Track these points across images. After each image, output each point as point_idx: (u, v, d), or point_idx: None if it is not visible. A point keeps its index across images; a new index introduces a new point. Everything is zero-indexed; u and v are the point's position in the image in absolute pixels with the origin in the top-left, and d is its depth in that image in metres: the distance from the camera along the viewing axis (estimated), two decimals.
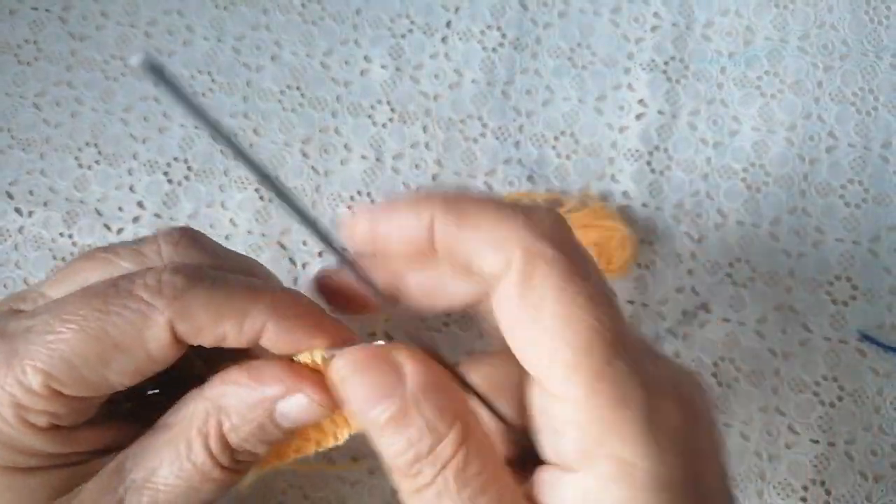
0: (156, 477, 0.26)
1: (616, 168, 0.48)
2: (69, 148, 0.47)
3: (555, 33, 0.50)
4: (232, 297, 0.25)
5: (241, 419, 0.26)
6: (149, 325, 0.25)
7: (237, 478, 0.28)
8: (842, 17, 0.50)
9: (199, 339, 0.25)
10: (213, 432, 0.26)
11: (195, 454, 0.26)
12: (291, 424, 0.26)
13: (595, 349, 0.21)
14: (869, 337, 0.45)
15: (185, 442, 0.26)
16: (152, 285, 0.25)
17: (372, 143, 0.48)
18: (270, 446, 0.27)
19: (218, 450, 0.26)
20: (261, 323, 0.25)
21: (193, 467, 0.26)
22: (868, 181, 0.47)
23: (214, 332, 0.25)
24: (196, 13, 0.50)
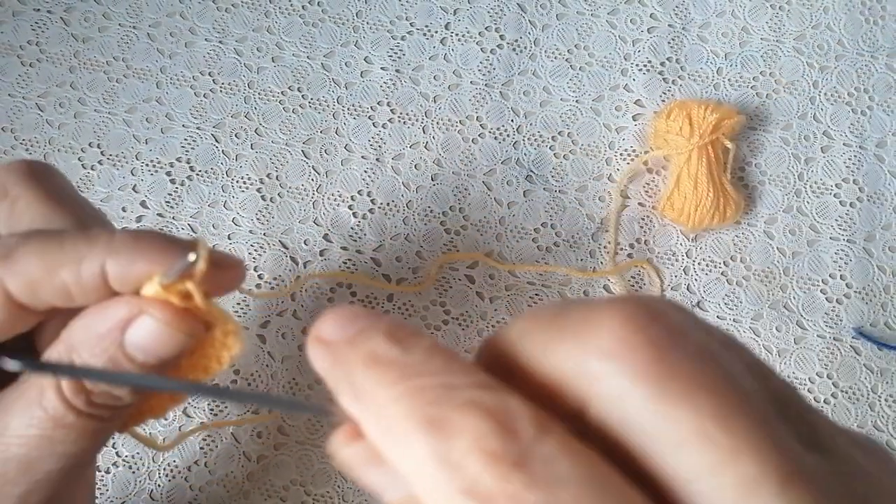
0: (8, 432, 0.24)
1: (613, 168, 0.48)
2: (72, 148, 0.48)
3: (552, 35, 0.50)
4: (64, 244, 0.23)
5: (90, 353, 0.23)
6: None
7: (100, 426, 0.25)
8: (837, 17, 0.50)
9: (39, 297, 0.23)
10: None
11: (46, 399, 0.24)
12: (146, 356, 0.23)
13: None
14: (863, 334, 0.45)
15: (36, 388, 0.24)
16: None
17: (372, 143, 0.48)
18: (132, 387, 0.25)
19: (70, 392, 0.24)
20: (98, 264, 0.23)
21: (45, 413, 0.24)
22: (863, 180, 0.48)
23: (52, 284, 0.23)
24: (198, 15, 0.50)
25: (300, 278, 0.46)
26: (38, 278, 0.23)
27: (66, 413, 0.24)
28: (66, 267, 0.23)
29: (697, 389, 0.16)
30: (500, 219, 0.47)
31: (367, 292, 0.46)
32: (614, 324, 0.17)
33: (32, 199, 0.26)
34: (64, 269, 0.23)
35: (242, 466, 0.43)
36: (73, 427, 0.24)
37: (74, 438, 0.24)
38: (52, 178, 0.28)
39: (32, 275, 0.23)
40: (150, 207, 0.47)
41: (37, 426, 0.24)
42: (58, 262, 0.23)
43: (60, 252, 0.23)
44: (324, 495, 0.43)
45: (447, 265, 0.47)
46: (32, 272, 0.23)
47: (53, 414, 0.24)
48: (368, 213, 0.47)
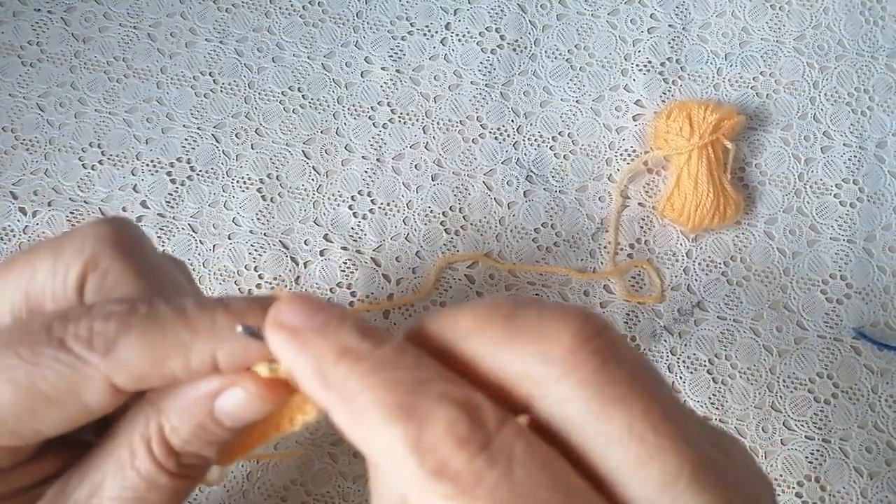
0: (101, 492, 0.24)
1: (613, 168, 0.48)
2: (73, 148, 0.48)
3: (553, 35, 0.50)
4: (166, 333, 0.23)
5: (180, 420, 0.24)
6: (83, 381, 0.23)
7: (189, 484, 0.26)
8: (837, 17, 0.50)
9: (145, 386, 0.23)
10: (154, 436, 0.24)
11: (139, 461, 0.24)
12: (233, 422, 0.24)
13: None
14: (864, 335, 0.45)
15: (128, 450, 0.24)
16: (83, 336, 0.23)
17: (372, 143, 0.48)
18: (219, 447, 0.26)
19: (162, 455, 0.24)
20: (209, 354, 0.23)
21: (138, 476, 0.24)
22: (863, 180, 0.48)
23: (159, 375, 0.23)
24: (199, 15, 0.50)
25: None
26: (144, 372, 0.23)
27: (159, 475, 0.24)
28: (173, 359, 0.23)
29: (630, 395, 0.19)
30: (500, 219, 0.47)
31: (368, 292, 0.46)
32: (564, 334, 0.19)
33: (122, 272, 0.26)
34: (172, 360, 0.23)
35: (242, 466, 0.43)
36: (165, 488, 0.25)
37: (166, 498, 0.25)
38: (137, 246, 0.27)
39: (138, 368, 0.23)
40: (151, 207, 0.47)
41: (131, 488, 0.24)
42: (164, 354, 0.23)
43: (164, 342, 0.23)
44: (324, 495, 0.43)
45: (447, 266, 0.47)
46: (138, 366, 0.23)
47: (146, 476, 0.24)
48: (369, 213, 0.47)
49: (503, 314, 0.20)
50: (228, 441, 0.26)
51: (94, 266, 0.25)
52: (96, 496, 0.24)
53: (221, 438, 0.25)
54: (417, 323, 0.22)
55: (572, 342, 0.19)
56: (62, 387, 0.23)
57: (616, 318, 0.46)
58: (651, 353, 0.45)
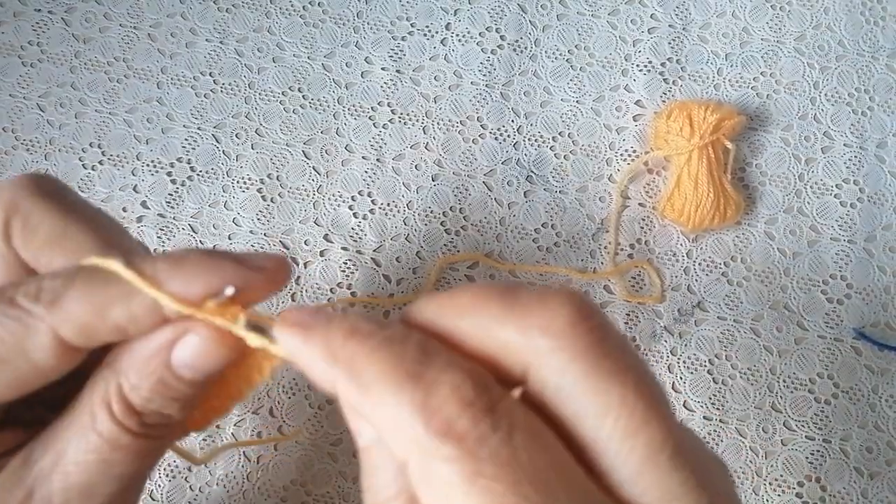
0: (65, 458, 0.24)
1: (613, 168, 0.48)
2: (73, 149, 0.48)
3: (553, 35, 0.50)
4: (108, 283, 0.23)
5: (138, 377, 0.24)
6: (29, 334, 0.23)
7: (154, 445, 0.26)
8: (837, 18, 0.50)
9: (93, 338, 0.23)
10: (114, 397, 0.24)
11: (100, 423, 0.24)
12: (193, 373, 0.24)
13: None
14: (864, 335, 0.45)
15: (88, 414, 0.24)
16: (32, 292, 0.23)
17: (373, 143, 0.48)
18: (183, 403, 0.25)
19: (123, 415, 0.24)
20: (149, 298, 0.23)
21: (100, 438, 0.24)
22: (863, 181, 0.48)
23: (105, 325, 0.23)
24: (199, 16, 0.50)
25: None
26: (90, 321, 0.23)
27: (121, 435, 0.24)
28: (117, 306, 0.23)
29: (624, 370, 0.20)
30: (500, 219, 0.47)
31: (368, 292, 0.46)
32: (563, 311, 0.20)
33: (44, 211, 0.26)
34: (115, 308, 0.23)
35: (242, 466, 0.43)
36: (129, 448, 0.24)
37: (131, 459, 0.25)
38: (60, 190, 0.28)
39: (84, 319, 0.23)
40: (151, 207, 0.47)
41: (93, 451, 0.24)
42: (108, 302, 0.23)
43: (107, 291, 0.23)
44: (324, 495, 0.43)
45: (447, 266, 0.47)
46: (84, 316, 0.23)
47: (108, 437, 0.24)
48: (369, 213, 0.47)
49: (502, 292, 0.21)
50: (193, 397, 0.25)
51: (15, 210, 0.26)
52: (60, 463, 0.24)
53: (184, 393, 0.25)
54: (411, 308, 0.22)
55: (573, 316, 0.20)
56: (9, 341, 0.23)
57: (616, 318, 0.46)
58: (651, 354, 0.45)
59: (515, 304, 0.21)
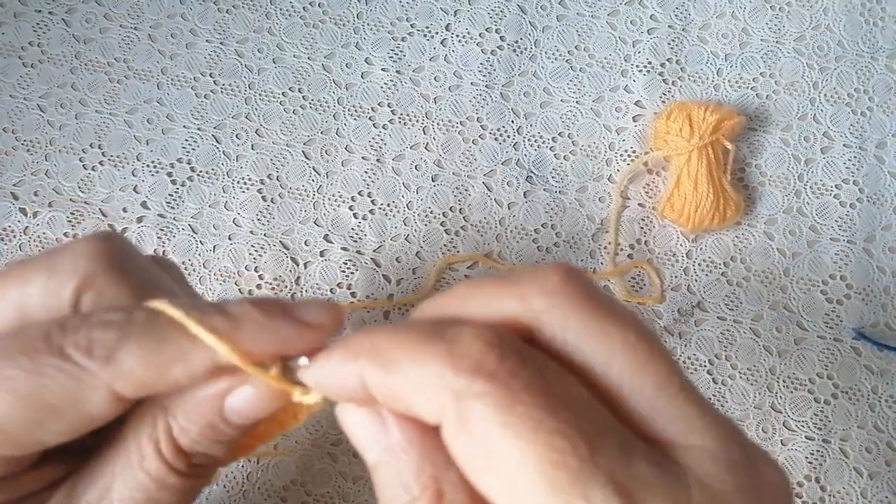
0: (110, 494, 0.25)
1: (613, 169, 0.48)
2: (73, 149, 0.48)
3: (553, 36, 0.50)
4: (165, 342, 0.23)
5: (189, 420, 0.24)
6: (86, 390, 0.23)
7: (199, 483, 0.26)
8: (837, 18, 0.50)
9: (149, 392, 0.23)
10: (163, 437, 0.24)
11: (148, 462, 0.24)
12: (242, 420, 0.25)
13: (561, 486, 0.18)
14: (864, 335, 0.45)
15: (136, 451, 0.25)
16: (83, 345, 0.23)
17: (373, 144, 0.48)
18: (229, 445, 0.26)
19: (171, 455, 0.25)
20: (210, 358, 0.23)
21: (148, 477, 0.24)
22: (863, 181, 0.48)
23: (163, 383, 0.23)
24: (199, 16, 0.50)
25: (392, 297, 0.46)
26: (146, 379, 0.23)
27: (168, 475, 0.25)
28: (177, 365, 0.23)
29: (621, 314, 0.21)
30: (500, 219, 0.47)
31: (368, 293, 0.46)
32: (555, 275, 0.21)
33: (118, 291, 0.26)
34: (175, 367, 0.23)
35: (242, 466, 0.43)
36: (175, 488, 0.25)
37: (176, 498, 0.25)
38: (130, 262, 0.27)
39: (140, 376, 0.23)
40: (151, 208, 0.47)
41: (141, 489, 0.25)
42: (164, 362, 0.23)
43: (163, 349, 0.23)
44: (324, 495, 0.43)
45: (447, 266, 0.47)
46: (139, 374, 0.23)
47: (156, 476, 0.25)
48: (369, 213, 0.47)
49: (493, 277, 0.23)
50: (237, 439, 0.26)
51: (90, 285, 0.25)
52: (106, 499, 0.25)
53: (230, 437, 0.25)
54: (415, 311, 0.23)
55: (563, 276, 0.21)
56: (64, 396, 0.22)
57: None
58: None
59: (509, 279, 0.22)
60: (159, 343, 0.23)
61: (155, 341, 0.23)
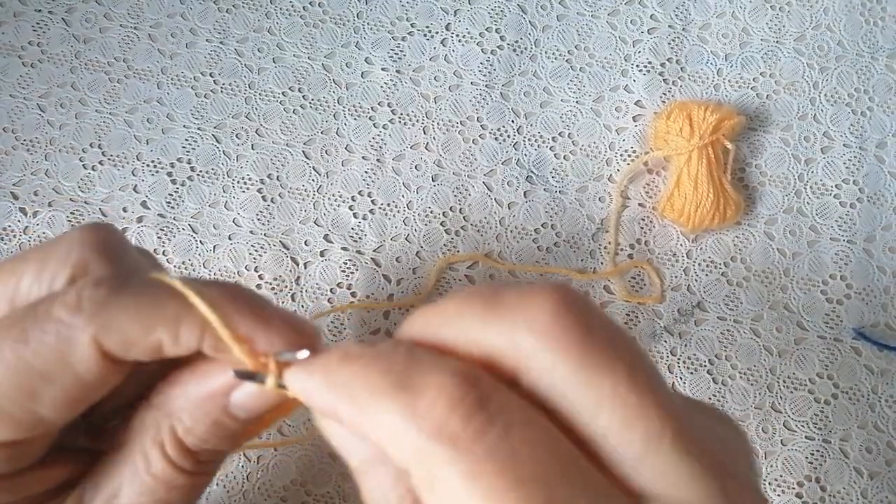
0: (118, 500, 0.25)
1: (613, 168, 0.48)
2: (73, 149, 0.48)
3: (553, 36, 0.50)
4: (161, 301, 0.23)
5: (193, 419, 0.24)
6: (71, 346, 0.22)
7: (206, 479, 0.26)
8: (837, 18, 0.50)
9: (132, 353, 0.23)
10: (168, 439, 0.24)
11: (154, 466, 0.24)
12: (248, 414, 0.24)
13: None
14: (864, 335, 0.45)
15: (141, 456, 0.24)
16: (72, 302, 0.22)
17: (373, 144, 0.48)
18: (235, 439, 0.26)
19: (178, 456, 0.25)
20: (198, 328, 0.23)
21: (155, 480, 0.24)
22: (863, 181, 0.48)
23: (147, 341, 0.23)
24: (199, 16, 0.50)
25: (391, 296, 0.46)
26: (133, 336, 0.23)
27: (176, 476, 0.25)
28: (162, 327, 0.23)
29: (613, 361, 0.19)
30: (500, 219, 0.47)
31: (368, 293, 0.46)
32: (546, 306, 0.19)
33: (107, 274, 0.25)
34: (160, 329, 0.23)
35: (242, 466, 0.43)
36: (183, 487, 0.25)
37: (184, 496, 0.25)
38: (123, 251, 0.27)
39: (128, 332, 0.22)
40: (151, 208, 0.47)
41: (148, 492, 0.25)
42: (154, 323, 0.23)
43: (157, 311, 0.23)
44: (324, 495, 0.43)
45: (447, 266, 0.47)
46: (128, 330, 0.22)
47: (163, 479, 0.25)
48: (369, 213, 0.47)
49: (485, 294, 0.21)
50: (243, 432, 0.26)
51: (83, 272, 0.25)
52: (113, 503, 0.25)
53: (236, 431, 0.25)
54: (402, 325, 0.22)
55: (554, 311, 0.19)
56: (51, 357, 0.22)
57: (616, 318, 0.46)
58: (651, 354, 0.45)
59: (498, 305, 0.20)
60: (152, 303, 0.23)
61: (148, 299, 0.23)
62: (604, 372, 0.19)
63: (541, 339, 0.19)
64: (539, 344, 0.19)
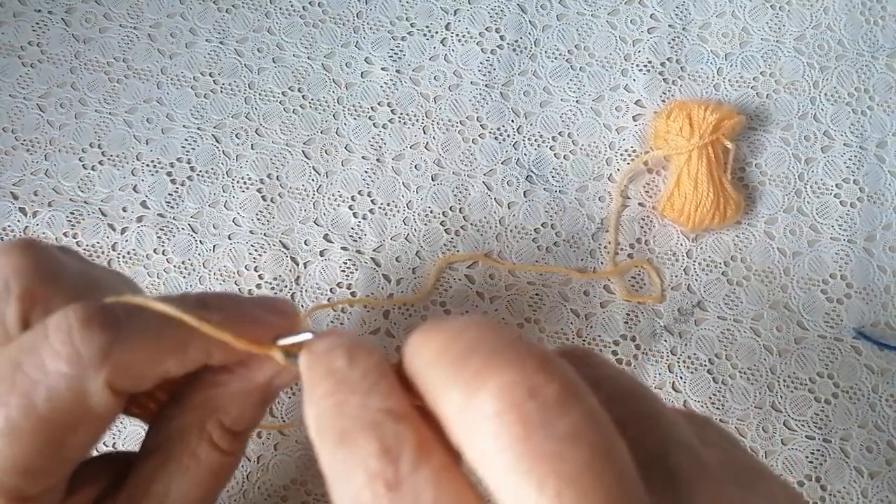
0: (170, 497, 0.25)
1: (613, 168, 0.48)
2: (73, 149, 0.48)
3: (553, 35, 0.50)
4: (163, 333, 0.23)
5: (243, 409, 0.26)
6: (86, 397, 0.22)
7: (242, 454, 0.28)
8: (837, 17, 0.50)
9: (144, 385, 0.24)
10: (216, 432, 0.26)
11: (205, 458, 0.26)
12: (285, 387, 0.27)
13: None
14: (864, 335, 0.45)
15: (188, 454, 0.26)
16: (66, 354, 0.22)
17: (372, 144, 0.48)
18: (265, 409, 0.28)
19: (226, 442, 0.26)
20: (204, 352, 0.24)
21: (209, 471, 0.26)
22: (863, 180, 0.48)
23: (157, 372, 0.24)
24: (199, 16, 0.50)
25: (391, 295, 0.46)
26: (145, 372, 0.23)
27: (226, 459, 0.26)
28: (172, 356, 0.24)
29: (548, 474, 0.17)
30: (500, 219, 0.47)
31: (368, 292, 0.46)
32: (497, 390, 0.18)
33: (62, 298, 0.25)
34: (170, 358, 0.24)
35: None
36: (229, 466, 0.27)
37: (228, 475, 0.27)
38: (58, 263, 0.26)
39: (140, 370, 0.23)
40: (151, 207, 0.47)
41: (200, 484, 0.26)
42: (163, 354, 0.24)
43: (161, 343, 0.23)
44: (324, 495, 0.43)
45: (447, 266, 0.47)
46: (139, 368, 0.23)
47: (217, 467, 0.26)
48: (369, 213, 0.47)
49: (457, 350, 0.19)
50: None
51: (33, 301, 0.24)
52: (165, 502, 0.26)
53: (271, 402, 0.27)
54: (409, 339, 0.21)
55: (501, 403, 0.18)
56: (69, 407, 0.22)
57: (616, 318, 0.46)
58: (651, 353, 0.45)
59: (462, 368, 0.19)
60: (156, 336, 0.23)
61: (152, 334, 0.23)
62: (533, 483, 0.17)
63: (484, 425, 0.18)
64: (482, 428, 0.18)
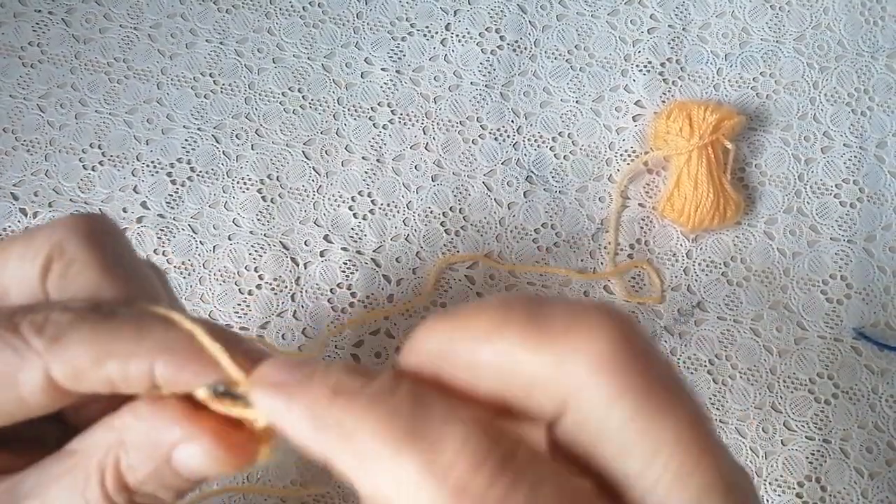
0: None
1: (613, 169, 0.48)
2: (73, 149, 0.48)
3: (553, 36, 0.50)
4: (117, 336, 0.22)
5: (138, 459, 0.23)
6: (23, 366, 0.22)
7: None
8: (837, 17, 0.50)
9: (81, 385, 0.22)
10: (110, 468, 0.23)
11: (90, 490, 0.23)
12: (191, 475, 0.23)
13: None
14: (864, 335, 0.45)
15: (83, 474, 0.23)
16: (38, 322, 0.22)
17: (372, 144, 0.48)
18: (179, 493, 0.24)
19: (114, 489, 0.23)
20: (147, 365, 0.22)
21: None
22: (863, 181, 0.48)
23: (97, 376, 0.22)
24: (199, 16, 0.50)
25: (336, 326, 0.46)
26: (84, 368, 0.22)
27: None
28: (114, 361, 0.22)
29: (677, 404, 0.17)
30: (500, 219, 0.47)
31: (368, 293, 0.46)
32: (603, 334, 0.17)
33: (87, 264, 0.25)
34: (111, 362, 0.22)
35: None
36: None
37: None
38: (110, 241, 0.26)
39: (79, 364, 0.22)
40: (151, 208, 0.47)
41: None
42: (104, 358, 0.22)
43: (110, 346, 0.22)
44: (324, 495, 0.43)
45: (447, 266, 0.47)
46: (79, 361, 0.22)
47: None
48: (369, 213, 0.47)
49: (527, 311, 0.18)
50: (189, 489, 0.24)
51: (60, 254, 0.25)
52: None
53: (178, 487, 0.23)
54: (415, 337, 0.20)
55: (612, 341, 0.17)
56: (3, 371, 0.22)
57: None
58: None
59: (544, 326, 0.17)
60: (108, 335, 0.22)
61: (105, 332, 0.22)
62: (666, 416, 0.17)
63: (597, 374, 0.17)
64: (595, 378, 0.17)
